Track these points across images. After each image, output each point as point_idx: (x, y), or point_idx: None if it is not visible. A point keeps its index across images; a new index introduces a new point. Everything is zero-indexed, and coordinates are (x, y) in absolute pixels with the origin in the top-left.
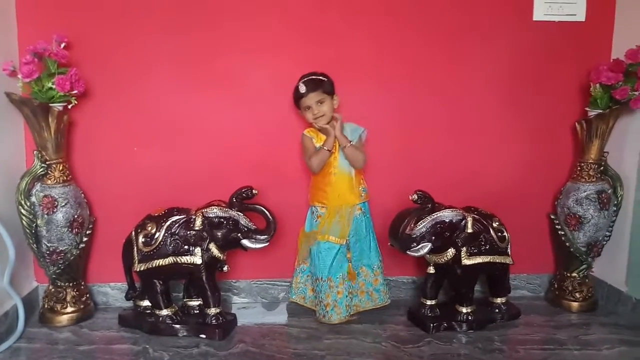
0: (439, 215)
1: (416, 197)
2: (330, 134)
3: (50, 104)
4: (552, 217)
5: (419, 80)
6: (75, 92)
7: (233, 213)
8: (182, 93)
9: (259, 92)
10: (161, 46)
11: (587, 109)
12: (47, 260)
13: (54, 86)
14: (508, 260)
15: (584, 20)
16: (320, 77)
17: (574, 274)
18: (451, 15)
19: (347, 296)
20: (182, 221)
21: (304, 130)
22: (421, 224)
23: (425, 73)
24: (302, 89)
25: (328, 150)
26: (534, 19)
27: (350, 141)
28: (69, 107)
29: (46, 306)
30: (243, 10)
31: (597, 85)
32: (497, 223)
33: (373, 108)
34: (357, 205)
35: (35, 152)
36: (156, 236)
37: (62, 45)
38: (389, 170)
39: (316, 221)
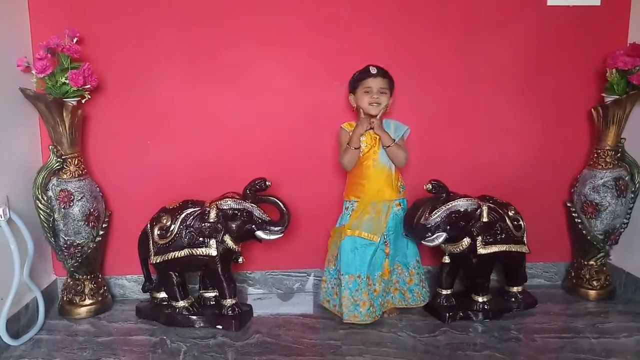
0: (453, 204)
1: (431, 186)
2: (357, 131)
3: (64, 99)
4: (569, 205)
5: (431, 71)
6: (88, 86)
7: (247, 205)
8: (195, 86)
9: (271, 84)
10: (173, 40)
11: (603, 94)
12: (65, 254)
13: (67, 81)
14: (524, 249)
15: (599, 4)
16: (389, 73)
17: (591, 262)
18: (462, 4)
19: (382, 294)
20: (196, 213)
21: (343, 124)
22: (436, 213)
23: (437, 64)
24: (373, 70)
25: (355, 148)
26: (549, 3)
27: (394, 140)
28: (83, 101)
29: (65, 299)
30: (255, 2)
31: (614, 70)
32: (513, 212)
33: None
34: (396, 201)
35: (50, 147)
36: (171, 229)
37: (75, 40)
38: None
39: (349, 217)
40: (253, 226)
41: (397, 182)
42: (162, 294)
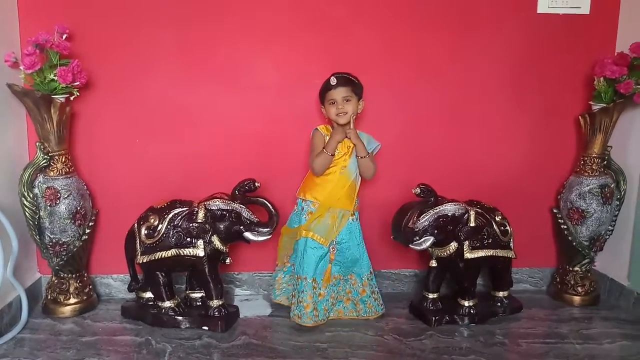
0: (441, 209)
1: (419, 190)
2: (335, 138)
3: (53, 96)
4: (555, 211)
5: (422, 73)
6: (77, 83)
7: (235, 206)
8: (185, 85)
9: (263, 85)
10: (164, 37)
11: (591, 102)
12: (50, 252)
13: (56, 78)
14: (510, 254)
15: (588, 13)
16: (352, 77)
17: (576, 268)
18: (455, 8)
19: (328, 300)
20: (184, 213)
21: (318, 126)
22: (424, 217)
23: (428, 66)
24: (333, 81)
25: (330, 155)
26: (538, 11)
27: (369, 152)
28: (71, 98)
29: (49, 297)
30: (248, 1)
31: (601, 78)
32: (500, 217)
33: (376, 101)
34: (350, 212)
35: (37, 143)
36: (159, 228)
37: (64, 36)
38: (392, 164)
39: (306, 217)
40: (241, 227)
41: (356, 194)
42: (148, 294)
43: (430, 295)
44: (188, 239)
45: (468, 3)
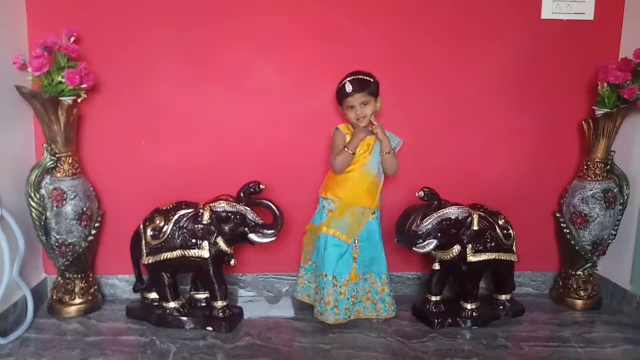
0: (445, 212)
1: (423, 194)
2: (358, 137)
3: (60, 98)
4: (558, 215)
5: (426, 77)
6: (84, 85)
7: (240, 207)
8: (190, 87)
9: (267, 86)
10: (169, 41)
11: (594, 107)
12: (56, 252)
13: (63, 80)
14: (513, 257)
15: (592, 18)
16: (367, 78)
17: (579, 272)
18: (459, 13)
19: (349, 299)
20: (190, 215)
21: (339, 125)
22: (427, 220)
23: (432, 71)
24: (349, 88)
25: (352, 153)
26: (542, 17)
27: (393, 148)
28: (79, 100)
29: (55, 297)
30: (251, 5)
31: (605, 84)
32: (503, 220)
33: (381, 106)
34: (371, 210)
35: (44, 145)
36: (164, 229)
37: (72, 39)
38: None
39: (327, 215)
40: (246, 229)
41: (378, 191)
42: (153, 295)
43: (433, 298)
44: (193, 240)
45: (471, 9)
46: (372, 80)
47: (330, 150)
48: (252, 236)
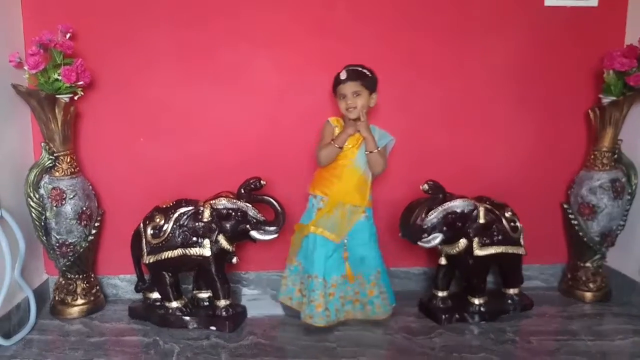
0: (450, 205)
1: (427, 187)
2: (346, 131)
3: (57, 95)
4: (565, 206)
5: (427, 68)
6: (81, 83)
7: (241, 204)
8: (189, 84)
9: (265, 84)
10: (167, 38)
11: (600, 95)
12: (57, 253)
13: (60, 77)
14: (521, 250)
15: (596, 5)
16: (364, 70)
17: (588, 264)
18: (460, 3)
19: (338, 299)
20: (190, 213)
21: (329, 118)
22: (432, 214)
23: (434, 61)
24: (343, 75)
25: (338, 147)
26: (546, 4)
27: (378, 148)
28: (76, 98)
29: (57, 298)
30: (249, 2)
31: (611, 71)
32: (510, 213)
33: (383, 101)
34: (362, 208)
35: (42, 144)
36: (164, 228)
37: (68, 36)
38: (399, 162)
39: (316, 213)
40: (247, 226)
41: (368, 188)
42: (155, 294)
43: (440, 293)
44: (194, 239)
45: None
46: (369, 73)
47: (319, 141)
48: (254, 233)
